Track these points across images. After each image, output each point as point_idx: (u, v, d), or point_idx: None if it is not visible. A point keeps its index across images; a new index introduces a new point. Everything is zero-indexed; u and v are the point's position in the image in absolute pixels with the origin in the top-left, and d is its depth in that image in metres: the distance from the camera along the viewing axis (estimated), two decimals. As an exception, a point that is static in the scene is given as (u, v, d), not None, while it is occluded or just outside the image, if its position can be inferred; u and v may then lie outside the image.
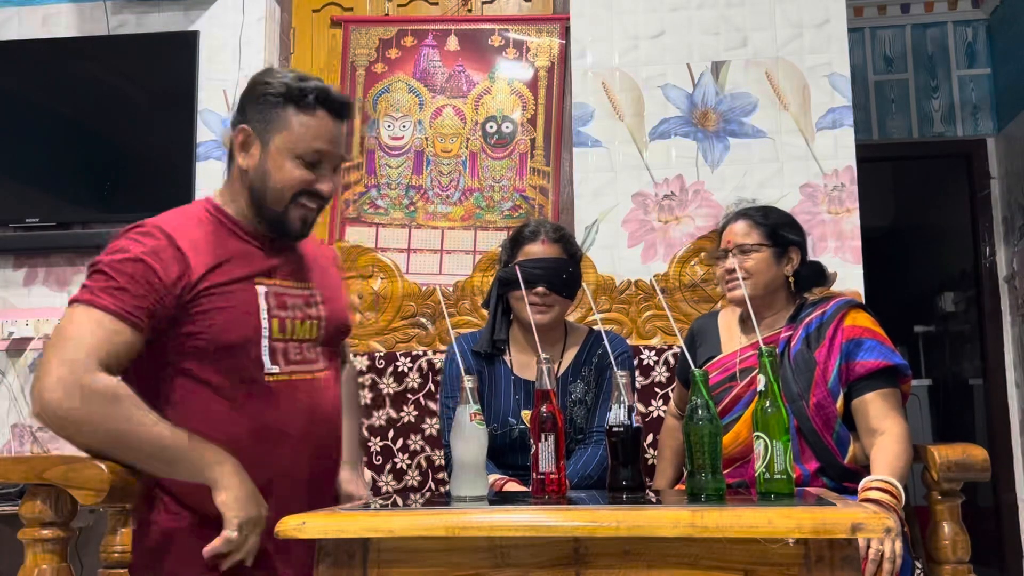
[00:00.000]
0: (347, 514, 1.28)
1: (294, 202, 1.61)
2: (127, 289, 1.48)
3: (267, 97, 1.60)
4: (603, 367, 2.13)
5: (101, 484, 1.51)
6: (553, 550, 1.24)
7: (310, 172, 1.61)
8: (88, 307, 1.47)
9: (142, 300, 1.48)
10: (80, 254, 3.12)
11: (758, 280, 2.04)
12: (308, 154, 1.60)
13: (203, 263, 1.55)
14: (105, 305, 1.47)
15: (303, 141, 1.59)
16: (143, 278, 1.49)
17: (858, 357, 1.95)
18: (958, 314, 5.05)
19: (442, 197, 3.09)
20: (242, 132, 1.62)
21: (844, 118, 2.88)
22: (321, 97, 1.60)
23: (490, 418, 2.11)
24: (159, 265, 1.50)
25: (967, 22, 4.30)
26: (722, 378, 2.06)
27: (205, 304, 1.53)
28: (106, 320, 1.46)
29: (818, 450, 1.94)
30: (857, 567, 1.21)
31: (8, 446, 3.05)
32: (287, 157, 1.59)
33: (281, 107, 1.59)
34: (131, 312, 1.47)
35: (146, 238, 1.53)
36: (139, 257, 1.50)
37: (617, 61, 3.00)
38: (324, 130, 1.60)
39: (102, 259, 1.52)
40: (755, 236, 2.06)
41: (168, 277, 1.51)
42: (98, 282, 1.49)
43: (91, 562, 2.60)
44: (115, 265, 1.50)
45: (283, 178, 1.59)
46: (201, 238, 1.58)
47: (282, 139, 1.59)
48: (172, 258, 1.52)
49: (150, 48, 3.17)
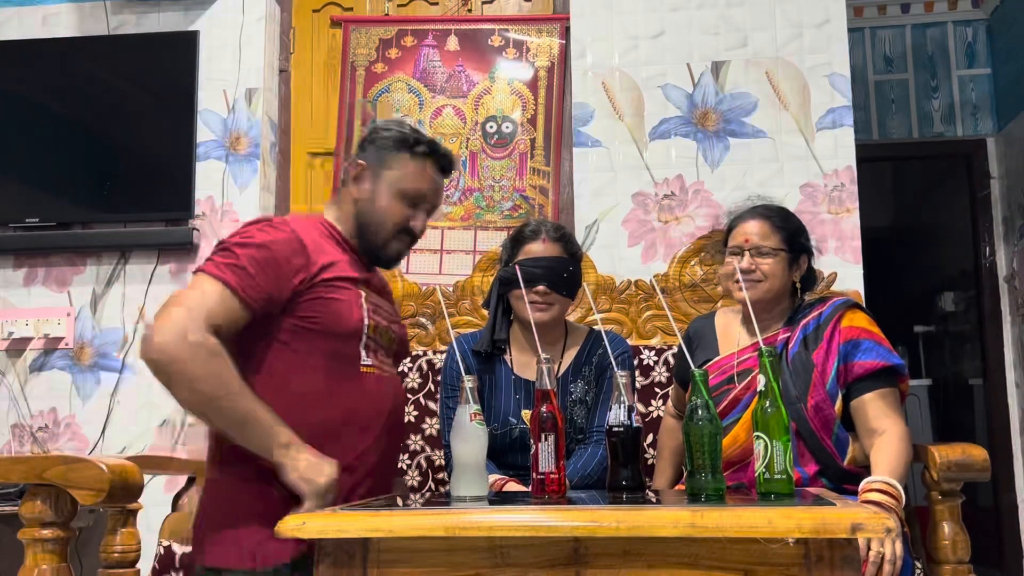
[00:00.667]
0: (347, 514, 1.28)
1: (393, 237, 1.82)
2: (247, 269, 1.61)
3: (386, 141, 1.83)
4: (603, 367, 2.13)
5: (101, 484, 1.52)
6: (553, 550, 1.24)
7: (410, 209, 1.82)
8: (212, 278, 1.60)
9: (262, 283, 1.62)
10: (80, 254, 3.12)
11: (772, 284, 2.01)
12: (411, 193, 1.81)
13: (321, 260, 1.70)
14: (227, 279, 1.60)
15: (410, 182, 1.81)
16: (267, 263, 1.63)
17: (856, 358, 1.94)
18: (958, 314, 5.05)
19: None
20: (358, 167, 1.84)
21: (844, 118, 2.88)
22: (431, 149, 1.84)
23: (490, 418, 2.11)
24: (283, 255, 1.65)
25: (967, 22, 4.30)
26: (719, 380, 2.04)
27: (320, 293, 1.68)
28: (226, 293, 1.59)
29: (817, 452, 1.93)
30: (857, 567, 1.21)
31: (8, 446, 3.05)
32: (394, 193, 1.81)
33: (396, 151, 1.82)
34: (248, 291, 1.60)
35: (274, 230, 1.68)
36: (265, 244, 1.65)
37: (617, 61, 3.00)
38: (428, 176, 1.84)
39: (230, 240, 1.67)
40: (774, 240, 2.02)
41: (290, 267, 1.65)
42: (226, 259, 1.63)
43: (91, 562, 2.60)
44: (242, 247, 1.64)
45: (388, 212, 1.81)
46: (319, 239, 1.75)
47: (393, 177, 1.81)
48: (295, 251, 1.67)
49: (150, 48, 3.17)
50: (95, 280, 3.11)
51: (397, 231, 1.82)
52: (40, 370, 3.08)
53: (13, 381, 3.08)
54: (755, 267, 2.00)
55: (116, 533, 2.14)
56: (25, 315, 3.09)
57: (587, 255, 2.77)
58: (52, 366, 3.08)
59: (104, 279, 3.11)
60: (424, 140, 1.84)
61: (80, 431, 3.03)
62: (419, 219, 1.84)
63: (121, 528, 2.14)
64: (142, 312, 3.06)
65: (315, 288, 1.68)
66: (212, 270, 1.61)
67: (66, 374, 3.07)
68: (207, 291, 1.59)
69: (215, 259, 1.64)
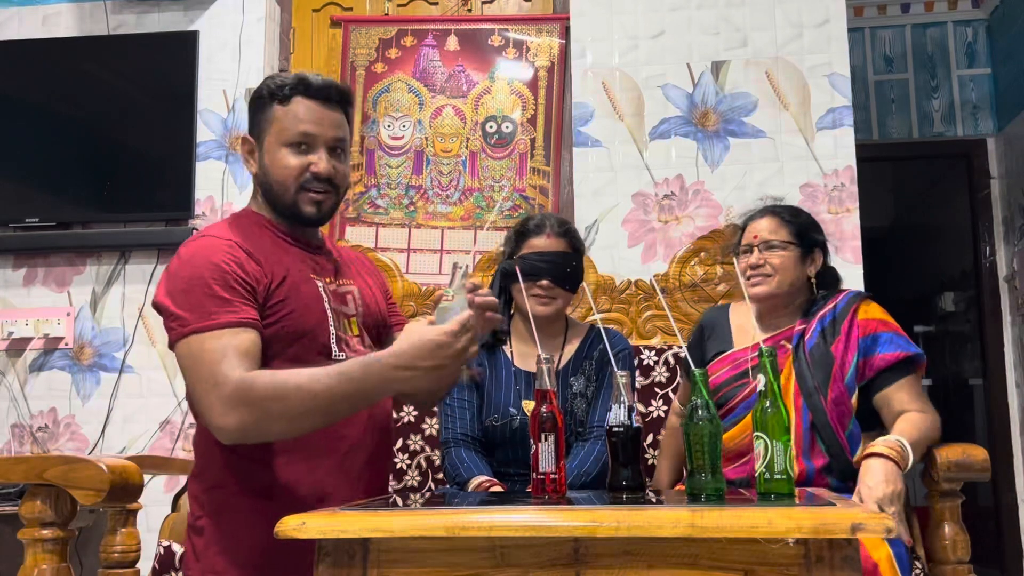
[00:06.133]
0: (347, 514, 1.28)
1: (301, 190, 1.67)
2: (216, 296, 1.52)
3: (257, 102, 1.70)
4: (604, 362, 2.15)
5: (101, 484, 1.52)
6: (553, 550, 1.24)
7: (304, 156, 1.66)
8: (192, 337, 1.50)
9: (241, 299, 1.54)
10: (80, 254, 3.12)
11: (783, 278, 2.03)
12: (295, 138, 1.65)
13: (271, 263, 1.62)
14: (204, 327, 1.50)
15: (287, 129, 1.66)
16: (226, 281, 1.54)
17: (877, 351, 1.96)
18: (958, 314, 5.05)
19: (442, 197, 3.09)
20: (245, 142, 1.71)
21: (844, 118, 2.88)
22: (298, 86, 1.66)
23: (491, 409, 2.14)
24: (234, 264, 1.56)
25: (967, 22, 4.30)
26: (734, 374, 2.05)
27: (280, 295, 1.60)
28: (222, 335, 1.49)
29: (830, 445, 1.94)
30: (857, 567, 1.20)
31: (8, 446, 3.05)
32: (278, 148, 1.66)
33: (267, 106, 1.68)
34: (234, 317, 1.52)
35: (212, 248, 1.58)
36: (214, 264, 1.54)
37: (617, 61, 3.00)
38: (305, 114, 1.66)
39: (178, 288, 1.54)
40: (783, 234, 2.06)
41: (249, 274, 1.57)
42: (190, 311, 1.52)
43: (91, 562, 2.60)
44: (200, 284, 1.53)
45: (281, 169, 1.66)
46: (260, 243, 1.65)
47: (272, 133, 1.67)
48: (246, 259, 1.58)
49: (150, 48, 3.17)
50: (95, 280, 3.11)
51: (301, 182, 1.66)
52: (40, 370, 3.08)
53: (13, 381, 3.08)
54: (764, 261, 2.02)
55: (116, 533, 2.14)
56: (25, 315, 3.09)
57: (587, 255, 2.77)
58: (52, 366, 3.08)
59: (104, 279, 3.11)
60: (287, 81, 1.67)
61: (80, 431, 3.03)
62: (319, 160, 1.66)
63: (121, 528, 2.14)
64: (142, 312, 3.06)
65: (275, 291, 1.60)
66: (189, 329, 1.51)
67: (66, 374, 3.07)
68: (206, 350, 1.48)
69: (180, 314, 1.52)
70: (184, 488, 2.32)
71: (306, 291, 1.64)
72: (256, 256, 1.60)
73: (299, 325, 1.61)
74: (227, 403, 1.45)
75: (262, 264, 1.60)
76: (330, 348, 1.64)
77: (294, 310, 1.61)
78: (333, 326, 1.65)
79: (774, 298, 2.04)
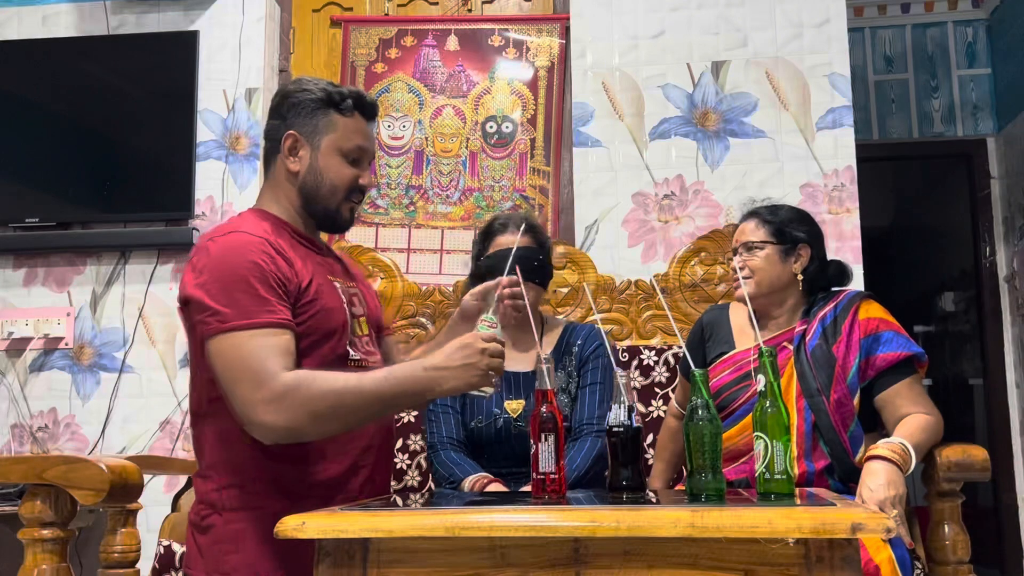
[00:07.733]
0: (347, 514, 1.28)
1: (346, 200, 1.74)
2: (257, 293, 1.53)
3: (310, 103, 1.72)
4: (584, 357, 2.17)
5: (101, 484, 1.52)
6: (553, 550, 1.24)
7: (355, 169, 1.74)
8: (232, 334, 1.51)
9: (278, 299, 1.56)
10: (80, 254, 3.12)
11: (762, 277, 2.04)
12: (353, 151, 1.73)
13: (298, 263, 1.64)
14: (245, 324, 1.51)
15: (347, 140, 1.72)
16: (261, 279, 1.55)
17: (879, 351, 1.96)
18: (958, 314, 5.05)
19: (442, 197, 3.09)
20: (290, 137, 1.72)
21: (844, 118, 2.88)
22: (357, 101, 1.75)
23: (474, 411, 2.15)
24: (272, 263, 1.58)
25: (967, 22, 4.30)
26: (737, 376, 2.05)
27: (309, 296, 1.63)
28: (265, 334, 1.52)
29: (833, 447, 1.94)
30: (857, 567, 1.20)
31: (8, 446, 3.05)
32: (336, 156, 1.72)
33: (325, 111, 1.72)
34: (273, 317, 1.54)
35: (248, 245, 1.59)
36: (253, 262, 1.55)
37: (617, 61, 3.00)
38: (362, 130, 1.75)
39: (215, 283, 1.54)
40: (760, 234, 2.07)
41: (284, 273, 1.59)
42: (229, 307, 1.52)
43: (91, 562, 2.60)
44: (239, 281, 1.54)
45: (336, 176, 1.72)
46: (285, 243, 1.65)
47: (330, 140, 1.72)
48: (280, 258, 1.60)
49: (150, 48, 3.17)
50: (95, 280, 3.11)
51: (349, 193, 1.73)
52: (40, 370, 3.08)
53: (13, 381, 3.08)
54: (744, 264, 2.04)
55: (116, 533, 2.14)
56: (25, 315, 3.09)
57: (587, 255, 2.77)
58: (52, 366, 3.08)
59: (104, 279, 3.11)
60: (347, 94, 1.74)
61: (80, 431, 3.03)
62: (365, 175, 1.76)
63: (121, 528, 2.14)
64: (142, 312, 3.06)
65: (305, 292, 1.63)
66: (228, 326, 1.51)
67: (66, 374, 3.07)
68: (245, 349, 1.50)
69: (220, 310, 1.53)
70: (184, 488, 2.32)
71: (329, 292, 1.68)
72: (287, 255, 1.62)
73: (327, 325, 1.64)
74: (275, 402, 1.48)
75: (292, 264, 1.62)
76: (347, 348, 1.68)
77: (321, 311, 1.64)
78: (350, 327, 1.69)
79: (759, 298, 2.04)
